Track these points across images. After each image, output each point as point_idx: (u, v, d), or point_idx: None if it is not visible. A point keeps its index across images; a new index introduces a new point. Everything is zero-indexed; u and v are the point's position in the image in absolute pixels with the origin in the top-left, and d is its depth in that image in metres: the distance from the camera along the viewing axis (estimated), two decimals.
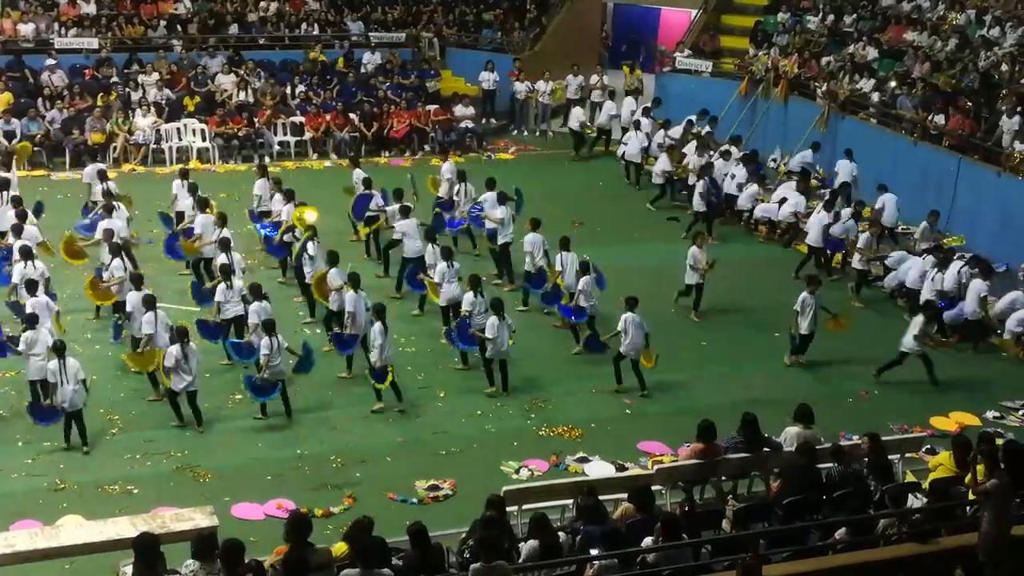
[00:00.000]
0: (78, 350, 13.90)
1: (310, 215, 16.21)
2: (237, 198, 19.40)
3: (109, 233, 15.25)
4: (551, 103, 25.80)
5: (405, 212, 16.49)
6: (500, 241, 16.95)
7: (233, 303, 14.26)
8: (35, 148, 21.70)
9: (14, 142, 21.33)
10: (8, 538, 9.85)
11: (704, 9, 27.93)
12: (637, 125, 22.28)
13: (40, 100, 22.95)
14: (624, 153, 22.40)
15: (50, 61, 23.90)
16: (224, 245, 15.11)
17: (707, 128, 22.78)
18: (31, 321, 12.95)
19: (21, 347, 12.86)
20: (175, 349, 12.81)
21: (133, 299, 13.83)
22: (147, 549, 8.60)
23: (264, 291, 14.26)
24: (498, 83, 26.02)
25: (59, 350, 12.40)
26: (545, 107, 25.85)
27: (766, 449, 11.33)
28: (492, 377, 14.09)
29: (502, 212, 16.90)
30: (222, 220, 15.85)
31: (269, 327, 13.06)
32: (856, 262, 17.22)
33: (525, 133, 26.24)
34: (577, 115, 24.22)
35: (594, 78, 25.77)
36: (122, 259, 14.77)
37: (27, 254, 14.44)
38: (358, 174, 18.47)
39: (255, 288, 14.11)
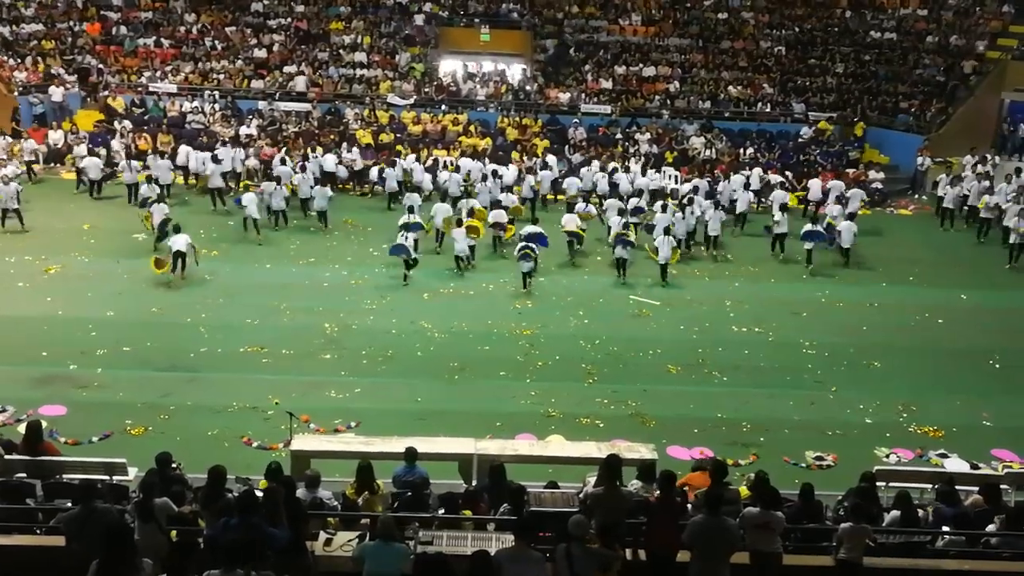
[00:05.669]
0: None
1: None
2: None
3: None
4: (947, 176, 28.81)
5: None
6: None
7: None
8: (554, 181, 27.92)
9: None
10: (514, 445, 11.93)
11: None
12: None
13: (567, 146, 30.79)
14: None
15: (575, 120, 31.94)
16: None
17: None
18: None
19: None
20: None
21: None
22: (612, 466, 9.01)
23: None
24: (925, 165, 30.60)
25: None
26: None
27: None
28: None
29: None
30: None
31: None
32: None
33: (925, 197, 30.05)
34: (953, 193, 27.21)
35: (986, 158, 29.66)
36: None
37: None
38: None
39: None
